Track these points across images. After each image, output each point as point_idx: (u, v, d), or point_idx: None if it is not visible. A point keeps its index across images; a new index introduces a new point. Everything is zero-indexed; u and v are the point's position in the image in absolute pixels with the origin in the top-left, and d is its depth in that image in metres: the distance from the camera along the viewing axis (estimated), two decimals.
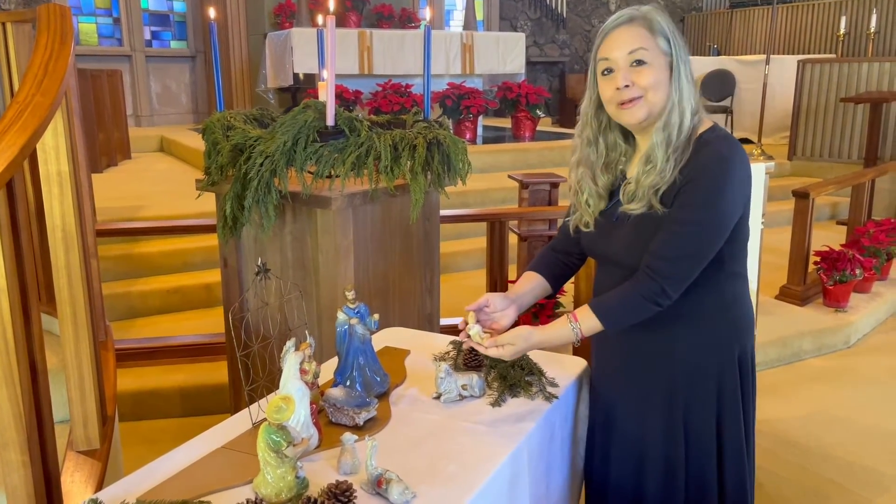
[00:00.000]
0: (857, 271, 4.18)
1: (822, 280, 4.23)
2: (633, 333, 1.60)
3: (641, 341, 1.62)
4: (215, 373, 3.17)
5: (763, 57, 7.97)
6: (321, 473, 1.35)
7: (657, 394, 1.63)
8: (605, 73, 1.52)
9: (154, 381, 3.22)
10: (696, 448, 1.63)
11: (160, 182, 5.88)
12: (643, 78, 1.48)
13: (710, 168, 1.47)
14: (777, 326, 3.91)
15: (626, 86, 1.49)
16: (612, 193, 1.63)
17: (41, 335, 1.54)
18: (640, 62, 1.48)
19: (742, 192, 1.52)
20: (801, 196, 4.17)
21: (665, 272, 1.49)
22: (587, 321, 1.54)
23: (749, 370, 1.67)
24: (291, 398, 1.30)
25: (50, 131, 1.73)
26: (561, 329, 1.55)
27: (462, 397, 1.64)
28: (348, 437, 1.36)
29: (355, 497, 1.22)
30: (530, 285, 1.74)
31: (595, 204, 1.62)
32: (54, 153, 1.75)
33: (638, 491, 1.67)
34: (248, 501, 1.16)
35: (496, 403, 1.62)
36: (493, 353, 1.51)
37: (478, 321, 1.56)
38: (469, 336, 1.53)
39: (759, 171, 2.51)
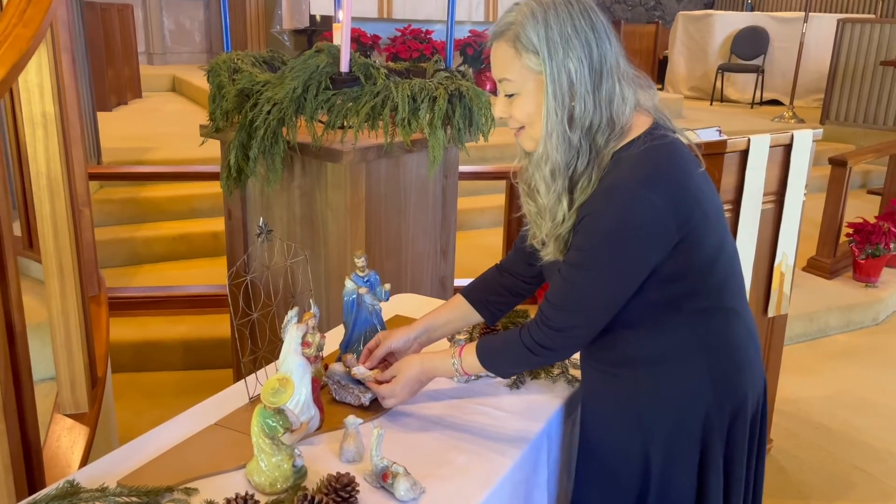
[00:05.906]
0: (892, 245, 3.99)
1: (853, 253, 4.05)
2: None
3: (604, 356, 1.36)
4: (219, 326, 3.07)
5: (800, 14, 7.62)
6: (321, 460, 1.23)
7: (614, 409, 1.36)
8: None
9: (156, 332, 3.12)
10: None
11: (171, 123, 5.73)
12: (516, 111, 1.23)
13: (602, 202, 1.18)
14: (803, 300, 3.74)
15: (502, 118, 1.28)
16: None
17: (19, 294, 1.40)
18: (510, 94, 1.23)
19: (656, 224, 1.16)
20: (839, 164, 3.96)
21: (553, 321, 1.24)
22: (469, 358, 1.33)
23: (721, 435, 1.31)
24: (290, 379, 1.17)
25: (34, 67, 1.56)
26: (443, 360, 1.35)
27: (478, 377, 1.51)
28: (352, 420, 1.24)
29: (357, 492, 1.10)
30: (447, 316, 1.50)
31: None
32: (38, 92, 1.59)
33: (640, 489, 1.42)
34: (237, 496, 1.04)
35: (515, 386, 1.50)
36: (385, 388, 1.36)
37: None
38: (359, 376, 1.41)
39: (805, 139, 2.35)
